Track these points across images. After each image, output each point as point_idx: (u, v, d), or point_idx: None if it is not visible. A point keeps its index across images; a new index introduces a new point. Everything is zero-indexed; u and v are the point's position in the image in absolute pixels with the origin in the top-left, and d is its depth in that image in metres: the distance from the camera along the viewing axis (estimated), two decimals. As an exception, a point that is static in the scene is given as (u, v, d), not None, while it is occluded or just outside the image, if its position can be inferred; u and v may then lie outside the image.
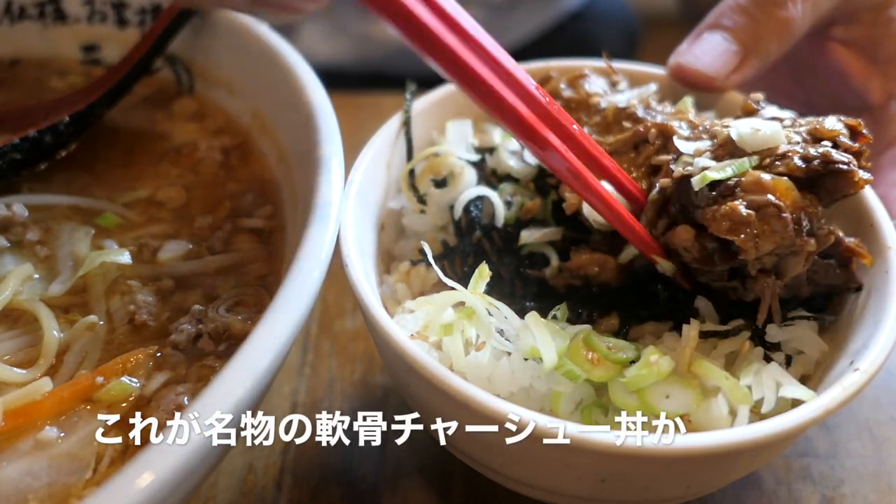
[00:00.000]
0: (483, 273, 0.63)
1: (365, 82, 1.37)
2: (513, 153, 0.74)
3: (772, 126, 0.64)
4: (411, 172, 0.73)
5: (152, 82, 0.91)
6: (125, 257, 0.69)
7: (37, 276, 0.68)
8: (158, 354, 0.63)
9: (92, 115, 0.82)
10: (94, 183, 0.79)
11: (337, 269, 0.62)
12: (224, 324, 0.65)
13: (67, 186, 0.78)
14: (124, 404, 0.60)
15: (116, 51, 0.92)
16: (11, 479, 0.55)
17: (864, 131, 0.65)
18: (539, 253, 0.69)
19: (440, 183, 0.73)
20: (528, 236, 0.69)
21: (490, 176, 0.75)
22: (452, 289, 0.63)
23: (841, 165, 0.61)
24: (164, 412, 0.59)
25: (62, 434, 0.57)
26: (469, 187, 0.72)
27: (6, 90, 0.91)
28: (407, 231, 0.75)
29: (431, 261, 0.66)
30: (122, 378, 0.61)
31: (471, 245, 0.70)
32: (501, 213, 0.70)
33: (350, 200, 0.68)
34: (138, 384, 0.61)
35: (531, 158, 0.73)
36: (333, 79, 0.86)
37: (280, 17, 1.38)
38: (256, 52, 0.82)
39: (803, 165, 0.61)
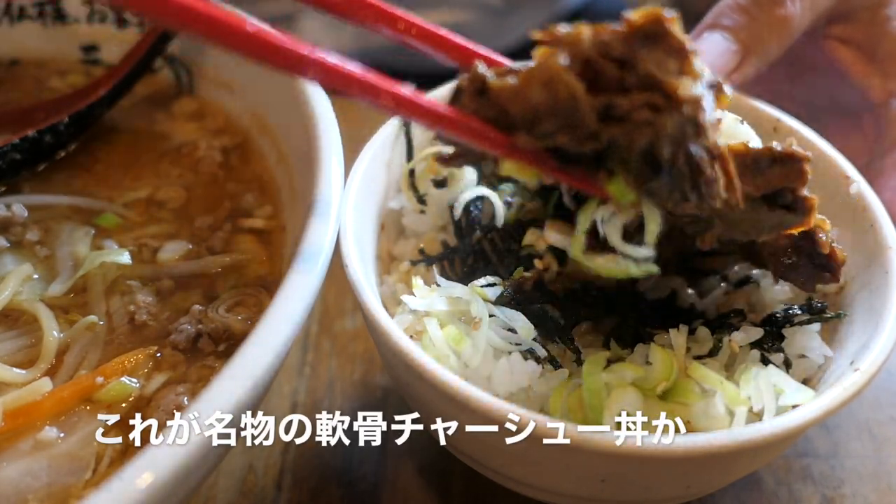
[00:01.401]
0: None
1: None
2: None
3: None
4: (411, 172, 0.73)
5: (152, 82, 0.91)
6: (125, 257, 0.69)
7: (36, 276, 0.68)
8: (158, 354, 0.63)
9: (92, 115, 0.82)
10: (94, 183, 0.79)
11: (337, 269, 0.62)
12: (224, 324, 0.65)
13: (67, 186, 0.78)
14: (124, 404, 0.60)
15: (116, 51, 0.92)
16: (11, 479, 0.55)
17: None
18: (539, 255, 0.69)
19: (440, 183, 0.73)
20: (532, 238, 0.68)
21: (490, 176, 0.75)
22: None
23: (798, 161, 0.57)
24: (163, 412, 0.59)
25: (62, 434, 0.57)
26: (469, 187, 0.72)
27: (6, 90, 0.90)
28: (407, 231, 0.75)
29: (437, 274, 0.66)
30: (122, 378, 0.61)
31: (470, 245, 0.70)
32: (501, 214, 0.70)
33: (350, 200, 0.68)
34: (138, 384, 0.61)
35: None
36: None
37: (280, 8, 1.38)
38: (256, 51, 0.82)
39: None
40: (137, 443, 0.57)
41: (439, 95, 0.78)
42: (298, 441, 0.63)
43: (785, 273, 0.64)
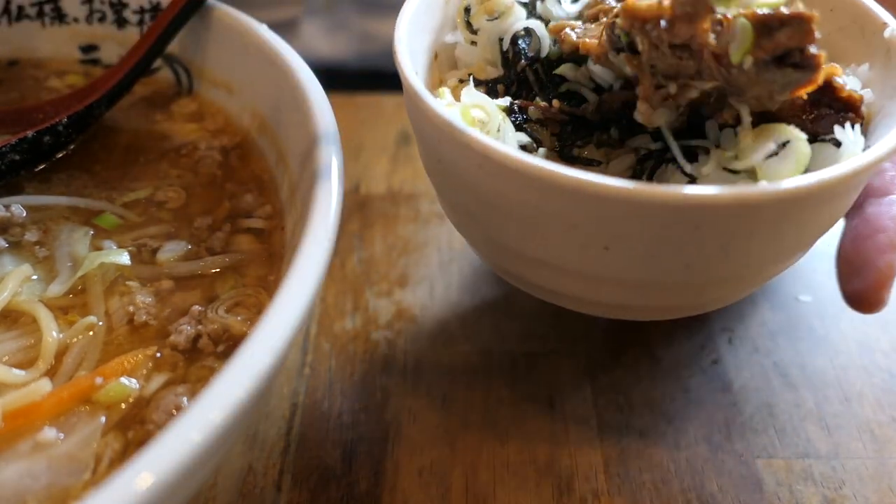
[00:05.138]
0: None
1: (365, 80, 1.37)
2: (559, 1, 0.78)
3: None
4: (467, 10, 0.77)
5: (151, 82, 0.91)
6: (124, 258, 0.69)
7: (35, 276, 0.68)
8: (158, 355, 0.63)
9: (91, 115, 0.82)
10: (93, 183, 0.79)
11: (337, 269, 0.62)
12: (223, 324, 0.65)
13: (66, 187, 0.78)
14: (123, 405, 0.60)
15: (115, 51, 0.92)
16: (11, 480, 0.54)
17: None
18: (575, 91, 0.72)
19: (493, 20, 0.77)
20: (566, 69, 0.72)
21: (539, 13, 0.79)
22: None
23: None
24: (163, 413, 0.58)
25: (61, 435, 0.57)
26: (519, 21, 0.76)
27: (4, 91, 0.90)
28: (459, 63, 0.79)
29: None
30: (122, 379, 0.60)
31: (515, 74, 0.74)
32: (547, 45, 0.74)
33: (405, 20, 0.72)
34: (137, 385, 0.61)
35: (573, 7, 0.77)
36: (333, 76, 0.86)
37: (280, 13, 1.38)
38: (256, 52, 0.82)
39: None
40: (137, 444, 0.57)
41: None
42: (298, 442, 0.63)
43: (810, 128, 0.65)
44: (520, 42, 0.74)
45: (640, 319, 0.79)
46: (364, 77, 1.43)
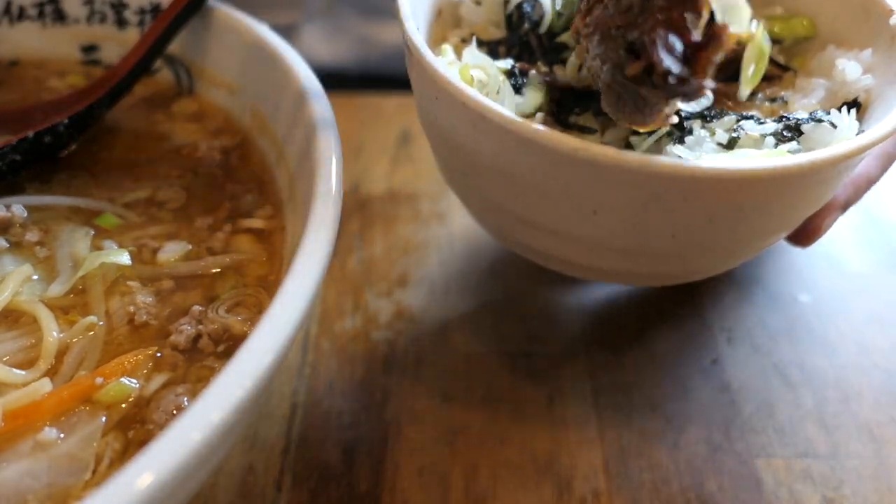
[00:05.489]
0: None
1: (365, 84, 1.37)
2: None
3: None
4: None
5: (152, 83, 0.91)
6: (125, 258, 0.69)
7: (36, 276, 0.68)
8: (158, 355, 0.63)
9: (91, 115, 0.82)
10: (94, 183, 0.79)
11: (336, 269, 0.62)
12: (224, 324, 0.65)
13: (67, 187, 0.78)
14: (124, 405, 0.60)
15: (116, 51, 0.92)
16: (11, 480, 0.55)
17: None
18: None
19: None
20: (568, 38, 0.73)
21: None
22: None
23: None
24: (163, 413, 0.59)
25: (62, 435, 0.57)
26: None
27: (5, 91, 0.91)
28: (463, 23, 0.80)
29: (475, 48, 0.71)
30: (122, 379, 0.61)
31: (518, 38, 0.75)
32: (549, 13, 0.75)
33: None
34: (138, 385, 0.61)
35: None
36: (334, 80, 0.86)
37: (280, 17, 1.38)
38: (256, 52, 0.82)
39: None
40: (137, 444, 0.57)
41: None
42: (298, 441, 0.63)
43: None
44: (525, 6, 0.75)
45: (630, 285, 0.80)
46: (364, 82, 1.43)
